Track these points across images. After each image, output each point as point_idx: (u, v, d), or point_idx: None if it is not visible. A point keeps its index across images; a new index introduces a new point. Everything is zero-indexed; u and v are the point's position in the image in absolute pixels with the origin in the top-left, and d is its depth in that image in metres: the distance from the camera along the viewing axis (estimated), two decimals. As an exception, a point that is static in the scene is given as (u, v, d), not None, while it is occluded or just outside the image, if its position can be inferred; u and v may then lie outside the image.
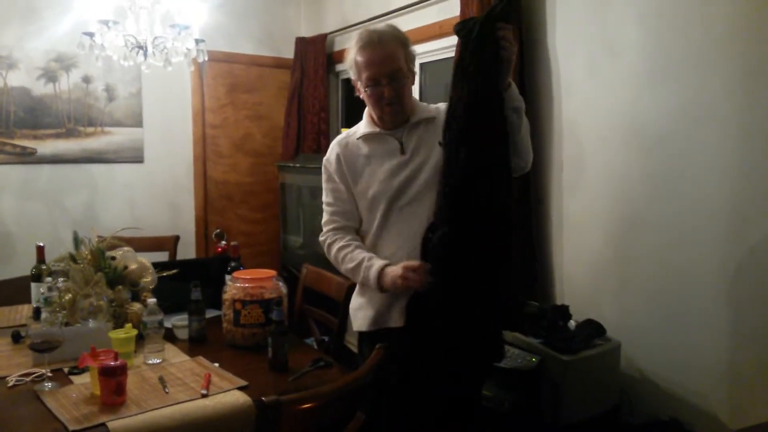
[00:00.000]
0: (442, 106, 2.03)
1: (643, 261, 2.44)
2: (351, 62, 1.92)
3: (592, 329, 2.37)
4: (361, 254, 1.91)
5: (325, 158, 2.03)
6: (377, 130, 1.95)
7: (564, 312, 2.45)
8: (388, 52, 1.85)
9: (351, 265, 1.91)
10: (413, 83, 1.95)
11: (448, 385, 1.80)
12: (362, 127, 2.00)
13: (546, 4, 2.76)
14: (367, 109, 2.00)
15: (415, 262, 1.77)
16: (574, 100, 2.68)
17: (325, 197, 2.04)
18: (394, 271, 1.80)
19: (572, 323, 2.44)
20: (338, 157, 1.97)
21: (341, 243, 1.96)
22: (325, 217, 2.04)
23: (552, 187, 2.79)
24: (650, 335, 2.42)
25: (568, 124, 2.71)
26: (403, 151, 1.92)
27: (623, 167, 2.50)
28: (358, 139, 1.98)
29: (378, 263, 1.86)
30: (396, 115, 1.91)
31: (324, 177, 2.03)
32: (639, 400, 2.44)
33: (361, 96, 1.96)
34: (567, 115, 2.71)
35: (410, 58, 1.92)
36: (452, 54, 3.09)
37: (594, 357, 2.27)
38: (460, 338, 1.76)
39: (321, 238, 2.03)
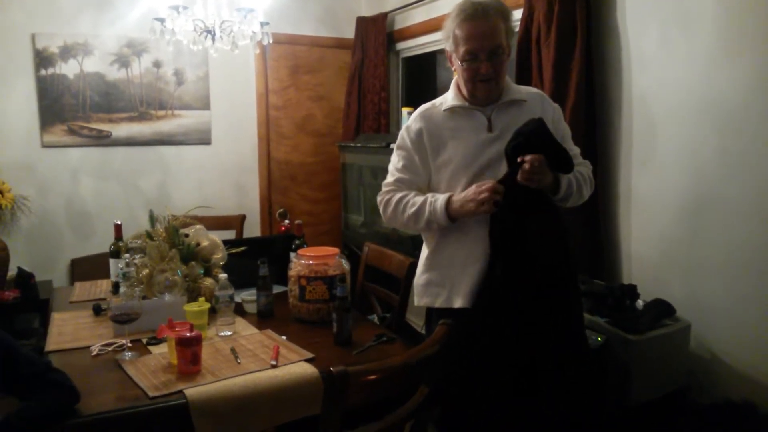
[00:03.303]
0: (534, 90, 2.01)
1: (716, 240, 2.35)
2: (448, 34, 1.86)
3: (661, 309, 2.31)
4: (422, 197, 1.89)
5: (405, 126, 1.99)
6: (466, 104, 1.90)
7: (631, 291, 2.39)
8: (491, 26, 1.79)
9: (413, 209, 1.87)
10: (509, 58, 1.88)
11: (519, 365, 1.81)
12: (450, 99, 1.94)
13: (614, -25, 2.66)
14: (455, 80, 1.95)
15: (485, 182, 1.77)
16: (645, 74, 2.58)
17: (396, 161, 1.99)
18: (464, 194, 1.79)
19: (640, 303, 2.38)
20: (420, 130, 1.93)
21: (401, 194, 1.93)
22: (389, 179, 2.00)
23: (620, 163, 2.72)
24: (722, 316, 2.34)
25: (639, 98, 2.62)
26: (490, 129, 1.88)
27: (696, 143, 2.40)
28: (444, 111, 1.93)
29: (443, 195, 1.84)
30: (489, 92, 1.87)
31: (399, 142, 1.99)
32: (710, 381, 2.37)
33: (453, 69, 1.92)
34: (637, 89, 2.62)
35: (510, 32, 1.86)
36: (516, 29, 3.01)
37: (662, 337, 2.21)
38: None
39: (379, 198, 2.00)
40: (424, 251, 2.03)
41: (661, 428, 2.17)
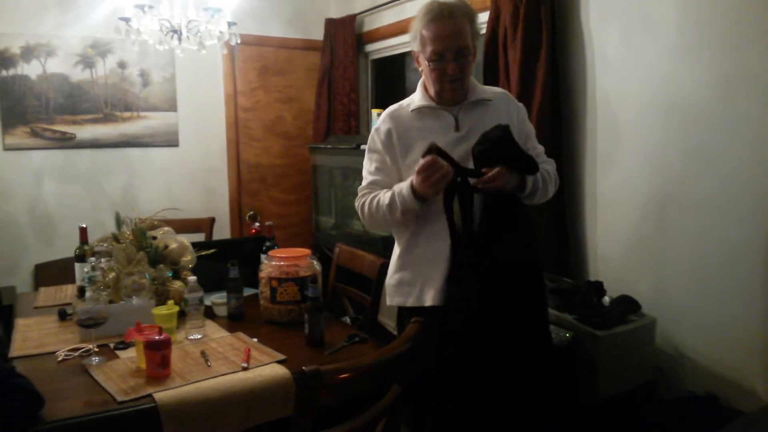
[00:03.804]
0: (498, 90, 2.04)
1: (680, 237, 2.41)
2: (415, 34, 1.88)
3: (627, 305, 2.36)
4: (390, 191, 1.90)
5: (374, 128, 2.01)
6: (433, 104, 1.93)
7: (598, 288, 2.44)
8: (457, 27, 1.82)
9: (386, 201, 1.88)
10: (475, 60, 1.91)
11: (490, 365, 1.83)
12: (417, 99, 1.96)
13: (578, -22, 2.72)
14: (422, 81, 1.97)
15: (424, 162, 1.75)
16: (608, 75, 2.64)
17: (368, 166, 2.01)
18: (416, 179, 1.78)
19: (606, 299, 2.43)
20: (389, 131, 1.94)
21: (374, 194, 1.95)
22: (363, 184, 2.02)
23: (586, 162, 2.77)
24: (686, 311, 2.40)
25: (603, 99, 2.67)
26: (458, 128, 1.90)
27: (659, 143, 2.46)
28: (412, 111, 1.95)
29: (406, 182, 1.85)
30: (456, 92, 1.89)
31: (370, 145, 2.01)
32: (675, 375, 2.42)
33: (420, 69, 1.94)
34: (601, 90, 2.67)
35: (476, 34, 1.89)
36: (483, 31, 3.06)
37: (628, 333, 2.26)
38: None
39: (356, 203, 2.01)
40: (396, 251, 2.04)
41: (628, 422, 2.22)
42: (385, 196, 1.90)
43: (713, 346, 2.33)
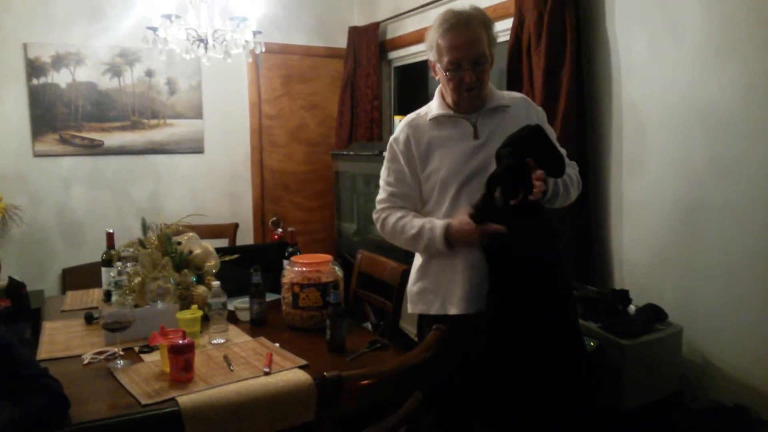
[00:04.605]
0: (517, 95, 2.02)
1: (707, 245, 2.37)
2: (432, 43, 1.87)
3: (653, 314, 2.32)
4: (421, 220, 1.89)
5: (392, 137, 2.00)
6: (450, 112, 1.91)
7: (623, 296, 2.41)
8: (474, 36, 1.80)
9: (413, 231, 1.87)
10: (492, 67, 1.90)
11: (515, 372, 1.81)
12: (434, 107, 1.94)
13: (603, -16, 2.69)
14: (439, 88, 1.96)
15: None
16: (634, 81, 2.61)
17: (386, 176, 2.00)
18: (465, 232, 1.78)
19: (632, 308, 2.39)
20: (408, 138, 1.94)
21: (399, 214, 1.94)
22: (381, 195, 2.00)
23: (611, 168, 2.74)
24: (714, 320, 2.35)
25: (629, 105, 2.64)
26: (476, 136, 1.89)
27: (686, 149, 2.42)
28: (430, 119, 1.93)
29: (440, 222, 1.84)
30: (474, 101, 1.88)
31: (388, 155, 2.00)
32: (702, 386, 2.38)
33: (437, 78, 1.93)
34: (627, 96, 2.64)
35: (493, 42, 1.87)
36: (506, 38, 3.05)
37: (654, 342, 2.22)
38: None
39: (375, 215, 2.01)
40: (417, 259, 2.03)
41: (655, 433, 2.18)
42: (412, 224, 1.89)
43: (741, 355, 2.28)
